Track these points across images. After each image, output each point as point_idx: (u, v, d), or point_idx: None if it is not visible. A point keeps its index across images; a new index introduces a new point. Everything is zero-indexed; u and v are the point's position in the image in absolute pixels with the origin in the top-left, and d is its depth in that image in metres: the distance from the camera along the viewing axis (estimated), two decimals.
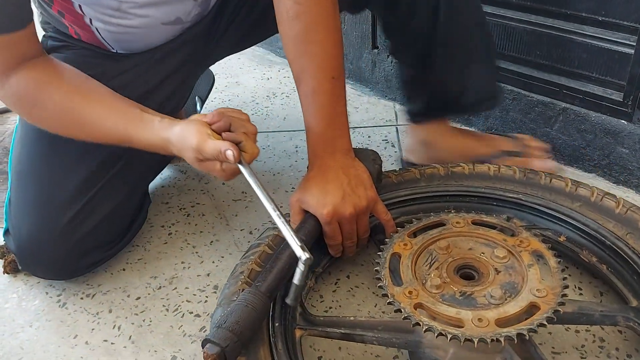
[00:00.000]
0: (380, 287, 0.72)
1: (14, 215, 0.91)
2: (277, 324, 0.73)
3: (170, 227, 1.10)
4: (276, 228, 0.87)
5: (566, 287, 0.69)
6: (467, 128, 1.31)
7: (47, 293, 0.96)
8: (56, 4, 0.88)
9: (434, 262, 0.75)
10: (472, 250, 0.76)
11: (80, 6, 0.86)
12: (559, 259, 0.73)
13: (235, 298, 0.74)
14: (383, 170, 0.94)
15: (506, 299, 0.68)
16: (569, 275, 0.79)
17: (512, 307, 0.66)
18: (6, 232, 0.94)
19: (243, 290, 0.75)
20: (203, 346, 0.64)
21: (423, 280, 0.72)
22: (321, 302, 0.90)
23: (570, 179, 0.91)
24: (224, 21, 1.02)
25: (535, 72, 1.17)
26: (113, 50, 0.96)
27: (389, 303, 0.69)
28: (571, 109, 1.12)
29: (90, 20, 0.89)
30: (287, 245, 0.74)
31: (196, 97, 1.39)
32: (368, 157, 0.89)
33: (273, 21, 0.86)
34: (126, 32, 0.91)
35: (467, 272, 0.74)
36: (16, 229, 0.91)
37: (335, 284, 0.93)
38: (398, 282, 0.73)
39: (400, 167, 1.18)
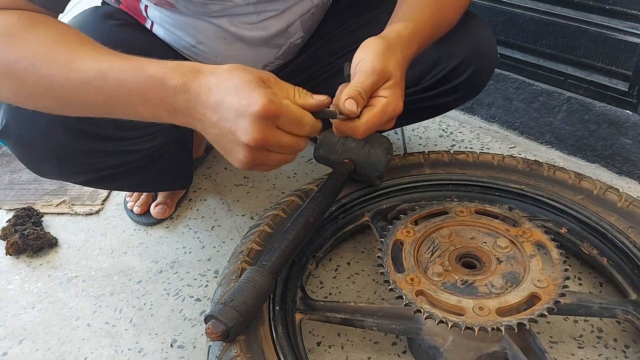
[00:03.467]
0: (382, 273, 0.72)
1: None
2: (277, 308, 0.73)
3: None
4: (276, 207, 0.87)
5: (567, 278, 0.69)
6: None
7: (49, 275, 0.96)
8: None
9: (436, 250, 0.75)
10: (475, 239, 0.77)
11: None
12: (561, 250, 0.73)
13: (235, 277, 0.75)
14: None
15: (507, 289, 0.68)
16: (569, 266, 0.80)
17: (513, 297, 0.67)
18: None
19: (242, 269, 0.75)
20: (206, 321, 0.63)
21: (425, 267, 0.73)
22: (321, 288, 0.90)
23: (573, 171, 0.91)
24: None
25: (540, 60, 1.16)
26: (147, 26, 0.88)
27: (391, 289, 0.69)
28: (575, 99, 1.11)
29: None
30: (293, 224, 0.74)
31: None
32: (382, 145, 0.87)
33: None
34: (182, 28, 0.84)
35: (469, 261, 0.74)
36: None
37: (336, 270, 0.93)
38: (400, 269, 0.73)
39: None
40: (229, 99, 0.53)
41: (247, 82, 0.54)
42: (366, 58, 0.63)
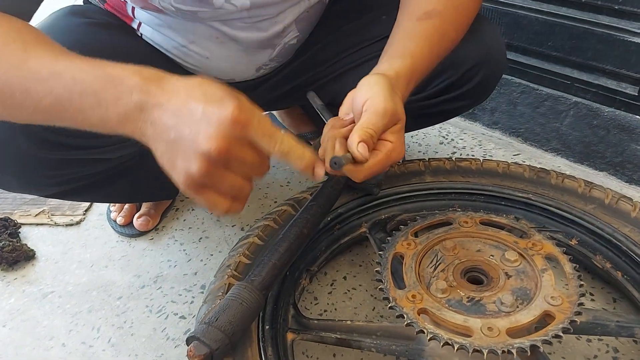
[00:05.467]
0: (381, 289, 0.66)
1: None
2: (267, 327, 0.67)
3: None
4: (267, 218, 0.82)
5: (582, 295, 0.64)
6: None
7: (23, 291, 0.90)
8: None
9: (440, 263, 0.69)
10: (481, 252, 0.71)
11: None
12: (574, 264, 0.67)
13: (221, 293, 0.69)
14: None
15: (518, 307, 0.63)
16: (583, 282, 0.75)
17: (525, 316, 0.61)
18: None
19: (229, 285, 0.70)
20: (188, 343, 0.58)
21: (427, 283, 0.67)
22: (316, 304, 0.84)
23: (583, 179, 0.86)
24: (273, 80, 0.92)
25: (545, 64, 1.11)
26: (133, 25, 0.82)
27: (391, 307, 0.64)
28: (583, 103, 1.07)
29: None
30: (285, 236, 0.69)
31: None
32: None
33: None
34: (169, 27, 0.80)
35: (476, 276, 0.69)
36: None
37: (331, 285, 0.87)
38: (400, 284, 0.68)
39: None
40: (195, 102, 0.47)
41: (218, 89, 0.48)
42: (376, 98, 0.58)
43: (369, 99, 0.58)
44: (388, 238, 0.75)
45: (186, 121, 0.47)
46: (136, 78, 0.48)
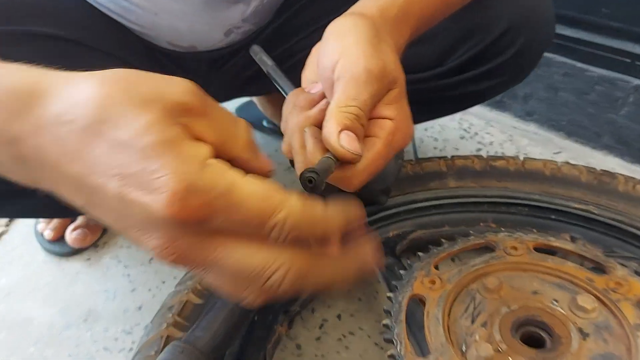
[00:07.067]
0: (391, 357, 0.44)
1: None
2: None
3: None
4: None
5: None
6: None
7: None
8: None
9: (479, 313, 0.47)
10: (539, 294, 0.49)
11: None
12: None
13: (153, 353, 0.48)
14: None
15: None
16: None
17: None
18: None
19: (167, 338, 0.49)
20: None
21: (462, 344, 0.45)
22: (298, 356, 0.61)
23: None
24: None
25: (598, 37, 0.91)
26: None
27: None
28: None
29: None
30: None
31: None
32: None
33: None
34: None
35: (534, 333, 0.47)
36: None
37: (321, 328, 0.65)
38: (422, 346, 0.46)
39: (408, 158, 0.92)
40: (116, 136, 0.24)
41: (149, 122, 0.24)
42: (351, 54, 0.37)
43: (341, 57, 0.37)
44: (401, 271, 0.52)
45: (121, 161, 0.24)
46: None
